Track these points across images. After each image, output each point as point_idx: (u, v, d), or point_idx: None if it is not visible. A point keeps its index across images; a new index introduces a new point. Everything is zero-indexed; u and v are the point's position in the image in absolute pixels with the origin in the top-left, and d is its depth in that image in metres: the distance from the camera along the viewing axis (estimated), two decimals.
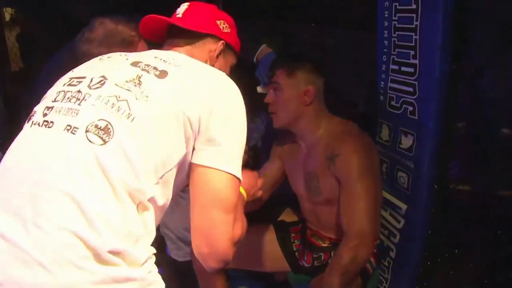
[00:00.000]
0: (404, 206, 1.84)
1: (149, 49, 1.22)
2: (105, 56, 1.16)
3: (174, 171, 1.01)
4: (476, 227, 1.77)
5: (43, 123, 0.98)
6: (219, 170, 1.00)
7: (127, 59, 1.10)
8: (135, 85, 1.00)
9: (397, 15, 1.74)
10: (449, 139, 1.74)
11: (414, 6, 1.64)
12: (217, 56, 1.25)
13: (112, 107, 0.97)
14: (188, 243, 2.07)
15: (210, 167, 1.00)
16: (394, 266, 1.96)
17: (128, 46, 1.61)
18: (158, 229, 2.20)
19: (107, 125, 0.95)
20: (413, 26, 1.66)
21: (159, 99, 0.99)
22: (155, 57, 1.10)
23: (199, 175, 1.01)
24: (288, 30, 3.39)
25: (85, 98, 0.99)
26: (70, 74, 1.12)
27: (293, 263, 1.90)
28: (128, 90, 1.00)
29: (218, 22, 1.26)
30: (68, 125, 0.95)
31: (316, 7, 2.74)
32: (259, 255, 1.94)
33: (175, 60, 1.10)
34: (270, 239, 1.94)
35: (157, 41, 1.29)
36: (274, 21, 3.19)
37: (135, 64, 1.07)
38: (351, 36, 2.58)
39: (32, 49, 3.70)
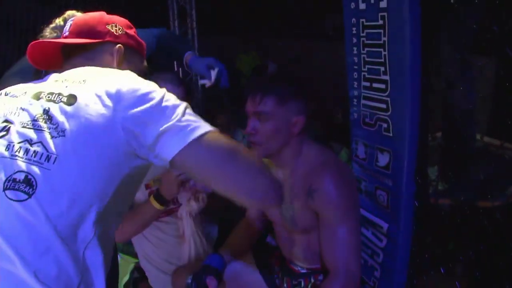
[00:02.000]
0: (385, 225, 1.80)
1: None
2: (3, 92, 1.03)
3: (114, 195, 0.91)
4: (459, 241, 1.75)
5: None
6: (192, 141, 0.89)
7: (25, 92, 0.97)
8: (46, 122, 0.89)
9: (365, 31, 1.72)
10: (425, 154, 1.72)
11: (381, 22, 1.62)
12: (120, 60, 1.15)
13: (26, 153, 0.85)
14: (166, 273, 2.02)
15: (184, 147, 0.88)
16: (380, 285, 1.91)
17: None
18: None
19: (26, 175, 0.84)
20: (382, 41, 1.64)
21: (77, 129, 0.87)
22: (55, 81, 0.98)
23: (189, 158, 0.90)
24: (262, 43, 3.38)
25: None
26: None
27: None
28: (38, 129, 0.88)
29: (108, 26, 1.17)
30: None
31: (288, 21, 2.73)
32: (240, 283, 1.87)
33: (78, 75, 0.98)
34: (250, 266, 1.88)
35: (56, 68, 1.18)
36: (247, 35, 3.18)
37: (36, 96, 0.94)
38: (327, 48, 2.56)
39: None
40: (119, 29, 1.19)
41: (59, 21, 1.48)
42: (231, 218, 2.05)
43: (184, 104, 0.95)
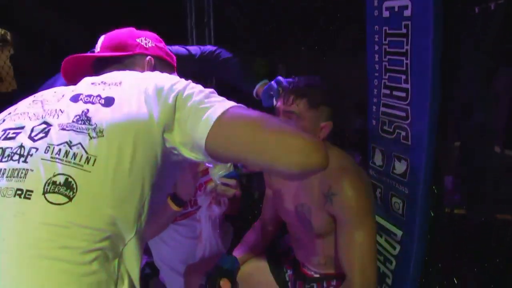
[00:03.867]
0: (399, 232, 1.80)
1: None
2: (38, 96, 1.04)
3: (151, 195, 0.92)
4: (472, 252, 1.74)
5: None
6: (218, 117, 0.89)
7: (63, 95, 0.98)
8: (84, 123, 0.89)
9: (387, 39, 1.73)
10: (443, 164, 1.72)
11: (404, 31, 1.63)
12: (150, 70, 1.20)
13: (66, 156, 0.85)
14: (181, 274, 2.03)
15: (210, 130, 0.89)
16: None
17: None
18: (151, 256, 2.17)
19: (67, 178, 0.83)
20: (404, 50, 1.64)
21: (115, 129, 0.89)
22: (92, 84, 1.00)
23: (218, 140, 0.90)
24: (281, 56, 3.40)
25: (30, 153, 0.86)
26: (0, 126, 0.96)
27: None
28: (77, 131, 0.88)
29: (138, 40, 1.23)
30: (18, 190, 0.81)
31: (308, 32, 2.74)
32: (253, 284, 1.88)
33: (114, 78, 1.01)
34: (263, 267, 1.90)
35: None
36: (266, 47, 3.19)
37: (75, 99, 0.96)
38: (344, 60, 2.57)
39: (25, 72, 3.65)
40: (148, 42, 1.25)
41: None
42: (246, 219, 2.07)
43: (208, 90, 0.97)
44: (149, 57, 1.23)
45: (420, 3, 1.54)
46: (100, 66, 1.21)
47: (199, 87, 0.99)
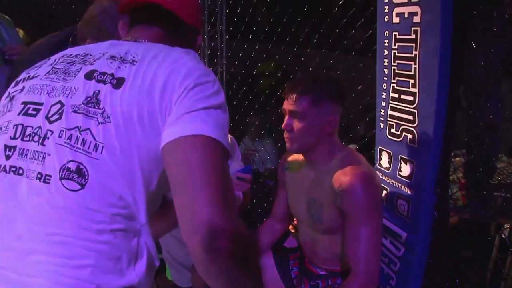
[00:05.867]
0: (404, 234, 1.83)
1: None
2: (58, 59, 0.99)
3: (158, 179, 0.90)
4: (475, 255, 1.77)
5: (10, 169, 0.86)
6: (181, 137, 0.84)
7: (80, 69, 0.94)
8: (94, 106, 0.87)
9: (397, 44, 1.77)
10: (448, 167, 1.75)
11: (413, 36, 1.67)
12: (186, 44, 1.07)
13: (77, 142, 0.85)
14: (190, 269, 2.07)
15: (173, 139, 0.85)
16: None
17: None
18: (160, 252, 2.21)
19: (78, 166, 0.84)
20: (413, 55, 1.68)
21: (121, 114, 0.86)
22: (111, 58, 0.94)
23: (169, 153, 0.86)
24: (290, 53, 3.44)
25: (47, 136, 0.86)
26: (21, 95, 0.94)
27: None
28: (87, 115, 0.87)
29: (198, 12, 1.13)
30: (39, 173, 0.84)
31: (319, 33, 2.78)
32: None
33: (134, 53, 0.94)
34: (269, 264, 1.93)
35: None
36: (276, 44, 3.24)
37: (89, 76, 0.91)
38: (354, 62, 2.60)
39: None
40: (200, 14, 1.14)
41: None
42: (255, 216, 2.11)
43: (218, 101, 0.91)
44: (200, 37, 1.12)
45: (430, 10, 1.59)
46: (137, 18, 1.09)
47: (217, 90, 0.92)
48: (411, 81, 1.71)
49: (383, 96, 1.90)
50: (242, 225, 0.83)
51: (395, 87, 1.81)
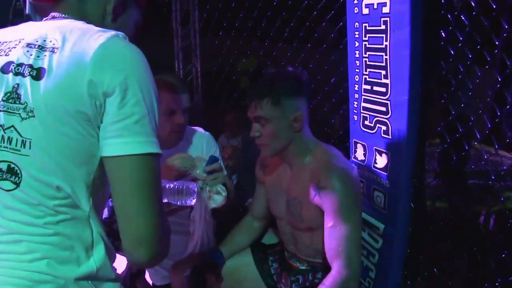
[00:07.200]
0: (381, 226, 1.83)
1: None
2: None
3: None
4: (454, 244, 1.78)
5: None
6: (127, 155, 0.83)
7: None
8: (15, 102, 0.82)
9: (367, 35, 1.76)
10: (423, 157, 1.75)
11: (383, 27, 1.65)
12: (115, 11, 0.98)
13: (3, 141, 0.83)
14: (166, 268, 2.03)
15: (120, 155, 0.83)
16: (375, 286, 1.94)
17: None
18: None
19: (9, 165, 0.83)
20: (383, 46, 1.67)
21: (45, 107, 0.81)
22: (27, 47, 0.86)
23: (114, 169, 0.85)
24: (260, 49, 3.42)
25: None
26: None
27: (272, 286, 1.87)
28: (9, 112, 0.82)
29: None
30: None
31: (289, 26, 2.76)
32: (237, 278, 1.90)
33: (53, 40, 0.85)
34: (248, 262, 1.91)
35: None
36: (248, 40, 3.21)
37: (5, 68, 0.85)
38: (326, 55, 2.59)
39: None
40: None
41: None
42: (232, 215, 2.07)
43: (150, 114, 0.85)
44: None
45: (399, 1, 1.58)
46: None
47: (144, 109, 0.84)
48: (383, 72, 1.70)
49: (356, 88, 1.89)
50: (168, 224, 0.91)
51: (367, 79, 1.80)
